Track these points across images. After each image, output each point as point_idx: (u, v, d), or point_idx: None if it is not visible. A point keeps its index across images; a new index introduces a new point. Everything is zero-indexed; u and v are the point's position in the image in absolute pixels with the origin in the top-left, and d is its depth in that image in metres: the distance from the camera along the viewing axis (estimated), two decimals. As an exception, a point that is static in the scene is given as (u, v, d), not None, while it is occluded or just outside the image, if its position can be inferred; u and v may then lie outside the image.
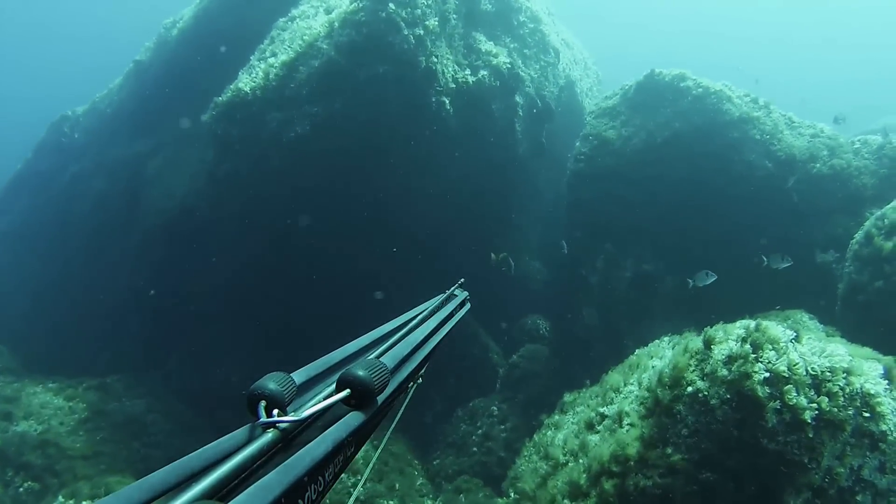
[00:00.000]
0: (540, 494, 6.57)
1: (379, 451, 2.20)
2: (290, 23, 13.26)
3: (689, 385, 5.56)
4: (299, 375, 1.48)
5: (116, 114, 17.74)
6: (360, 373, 1.40)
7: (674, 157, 12.60)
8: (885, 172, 11.99)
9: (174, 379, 13.65)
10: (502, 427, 12.03)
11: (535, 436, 8.76)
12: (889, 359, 6.00)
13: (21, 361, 14.55)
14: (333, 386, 1.42)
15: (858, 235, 9.74)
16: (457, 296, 2.70)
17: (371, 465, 2.69)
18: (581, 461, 6.43)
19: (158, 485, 1.01)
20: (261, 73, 12.21)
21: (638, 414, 6.16)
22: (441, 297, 2.55)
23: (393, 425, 1.94)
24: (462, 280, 2.88)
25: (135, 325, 14.49)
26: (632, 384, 7.25)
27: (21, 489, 10.57)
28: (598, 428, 6.87)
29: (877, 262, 9.14)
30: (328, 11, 12.58)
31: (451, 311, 2.44)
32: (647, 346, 8.16)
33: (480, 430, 12.08)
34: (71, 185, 17.54)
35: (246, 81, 12.29)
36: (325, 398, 1.38)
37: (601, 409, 7.18)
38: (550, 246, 15.56)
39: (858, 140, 12.77)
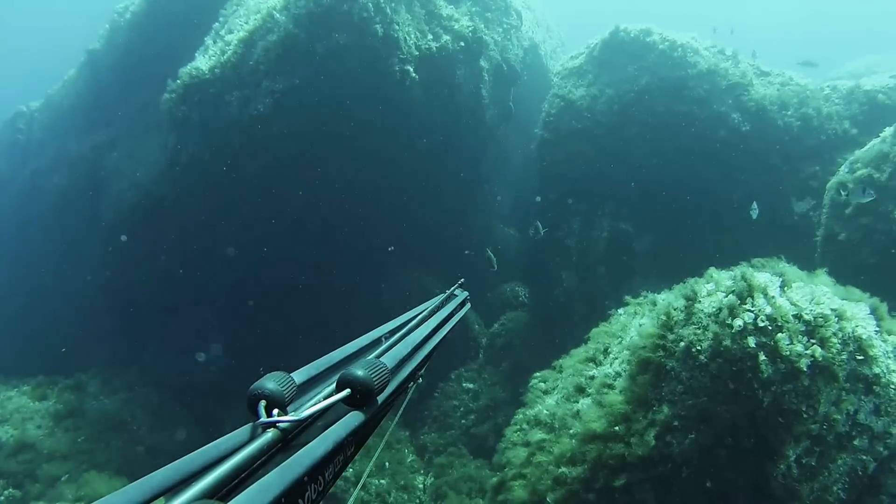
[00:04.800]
0: (532, 470, 6.44)
1: (380, 448, 2.14)
2: (243, -1, 12.84)
3: (680, 341, 5.44)
4: (299, 375, 1.49)
5: (73, 106, 17.21)
6: (360, 373, 1.41)
7: (643, 114, 12.46)
8: (855, 117, 11.95)
9: (152, 371, 13.38)
10: (488, 398, 11.95)
11: (523, 408, 8.61)
12: (874, 299, 5.94)
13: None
14: (333, 386, 1.43)
15: (832, 184, 9.68)
16: (457, 296, 2.73)
17: (373, 459, 2.66)
18: (572, 428, 6.29)
19: (158, 484, 1.01)
20: (217, 52, 11.84)
21: (628, 373, 6.01)
22: (441, 296, 2.59)
23: (394, 423, 1.96)
24: (462, 280, 2.90)
25: (106, 320, 14.16)
26: (617, 344, 7.12)
27: (1, 497, 10.31)
28: (589, 391, 6.74)
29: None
30: (283, -15, 12.15)
31: (452, 311, 2.47)
32: (628, 305, 8.02)
33: (466, 402, 11.99)
34: (30, 183, 17.08)
35: (202, 61, 11.93)
36: (325, 398, 1.39)
37: (588, 373, 7.05)
38: (523, 211, 15.38)
39: (828, 86, 12.69)
